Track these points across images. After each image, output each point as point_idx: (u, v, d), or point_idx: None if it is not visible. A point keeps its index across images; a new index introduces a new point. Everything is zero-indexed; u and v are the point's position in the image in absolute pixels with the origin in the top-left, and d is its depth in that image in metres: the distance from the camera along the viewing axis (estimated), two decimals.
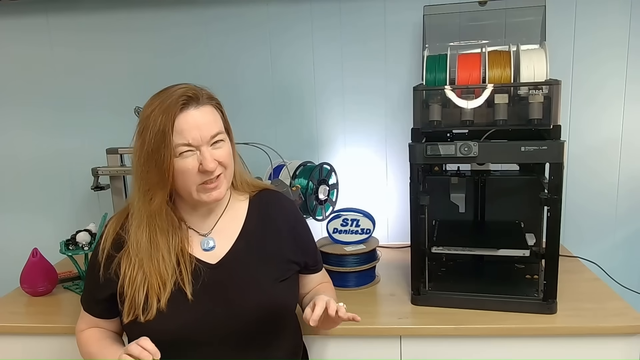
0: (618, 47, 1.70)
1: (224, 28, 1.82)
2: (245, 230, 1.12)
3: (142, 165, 1.01)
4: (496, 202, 1.53)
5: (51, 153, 1.94)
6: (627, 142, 1.75)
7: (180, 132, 0.99)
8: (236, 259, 1.09)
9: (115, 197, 1.70)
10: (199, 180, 1.02)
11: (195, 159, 1.01)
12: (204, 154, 1.01)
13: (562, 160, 1.20)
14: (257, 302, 1.06)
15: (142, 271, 1.02)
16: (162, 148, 0.98)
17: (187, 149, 1.00)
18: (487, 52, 1.32)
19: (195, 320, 1.03)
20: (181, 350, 1.04)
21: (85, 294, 1.15)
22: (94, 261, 1.09)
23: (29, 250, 1.54)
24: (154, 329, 1.00)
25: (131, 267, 1.03)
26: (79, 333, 1.16)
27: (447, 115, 1.28)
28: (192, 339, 1.03)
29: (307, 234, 1.21)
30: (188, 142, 0.99)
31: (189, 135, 0.99)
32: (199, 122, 1.00)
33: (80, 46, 1.87)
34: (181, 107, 0.99)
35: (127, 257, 1.05)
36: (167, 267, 1.03)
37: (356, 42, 1.79)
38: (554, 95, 1.21)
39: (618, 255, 1.81)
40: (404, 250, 1.69)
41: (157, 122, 0.98)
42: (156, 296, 1.01)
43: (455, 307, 1.33)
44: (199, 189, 1.03)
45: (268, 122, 1.86)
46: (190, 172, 1.01)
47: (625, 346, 1.24)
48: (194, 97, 1.01)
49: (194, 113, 1.00)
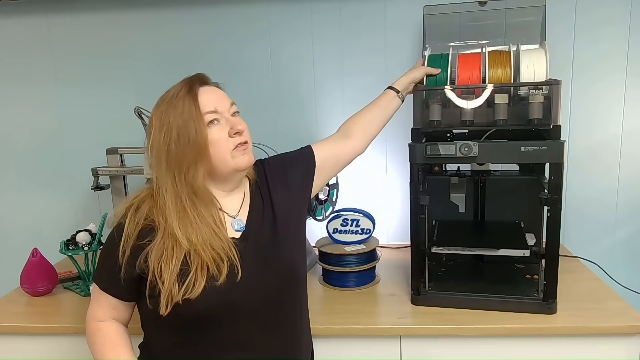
0: (618, 47, 1.70)
1: (224, 27, 1.82)
2: (252, 204, 1.15)
3: (173, 149, 1.03)
4: (496, 202, 1.53)
5: (51, 153, 1.94)
6: (627, 141, 1.75)
7: (206, 102, 1.05)
8: (256, 231, 1.12)
9: (115, 197, 1.70)
10: (232, 146, 1.06)
11: (222, 127, 1.06)
12: (230, 119, 1.07)
13: (562, 160, 1.20)
14: (287, 261, 1.11)
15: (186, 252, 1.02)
16: (191, 122, 1.03)
17: (213, 116, 1.05)
18: (487, 52, 1.33)
19: (240, 292, 1.03)
20: (212, 324, 1.04)
21: (103, 272, 1.10)
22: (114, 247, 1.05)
23: (29, 250, 1.54)
24: (198, 305, 1.00)
25: (171, 252, 1.01)
26: (94, 322, 1.10)
27: (447, 115, 1.28)
28: (229, 312, 1.04)
29: (292, 159, 1.24)
30: (214, 109, 1.06)
31: (214, 103, 1.06)
32: (217, 93, 1.09)
33: (80, 46, 1.87)
34: (199, 83, 1.08)
35: (161, 244, 1.02)
36: (222, 243, 1.04)
37: (356, 42, 1.79)
38: (554, 95, 1.21)
39: (618, 255, 1.81)
40: (404, 250, 1.69)
41: (179, 103, 1.04)
42: (206, 273, 1.01)
43: (455, 307, 1.33)
44: (234, 155, 1.07)
45: (268, 121, 1.86)
46: (222, 139, 1.06)
47: (625, 346, 1.24)
48: (204, 78, 1.11)
49: (210, 87, 1.10)
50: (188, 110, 1.03)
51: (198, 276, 1.00)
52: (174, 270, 1.00)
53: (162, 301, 1.00)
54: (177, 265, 1.01)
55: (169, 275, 1.00)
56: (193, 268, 1.01)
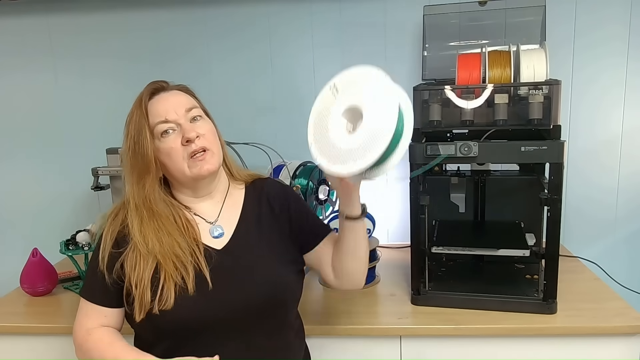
0: (618, 46, 1.70)
1: (224, 28, 1.82)
2: (244, 215, 1.13)
3: (130, 159, 1.06)
4: (496, 202, 1.53)
5: (51, 153, 1.94)
6: (627, 141, 1.75)
7: (155, 113, 1.05)
8: (239, 244, 1.09)
9: (115, 197, 1.70)
10: (186, 155, 1.05)
11: (177, 135, 1.05)
12: (183, 126, 1.05)
13: (562, 160, 1.20)
14: (264, 278, 1.06)
15: (154, 260, 1.01)
16: (142, 135, 1.04)
17: (166, 126, 1.04)
18: (487, 52, 1.32)
19: (213, 305, 1.02)
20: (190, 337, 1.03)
21: (89, 283, 1.10)
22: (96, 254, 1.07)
23: (29, 250, 1.54)
24: (172, 318, 0.99)
25: (139, 259, 1.02)
26: (81, 332, 1.06)
27: (447, 115, 1.28)
28: (206, 324, 1.02)
29: (301, 209, 1.18)
30: (165, 118, 1.04)
31: (164, 113, 1.05)
32: (170, 100, 1.07)
33: (80, 46, 1.87)
34: (150, 93, 1.07)
35: (132, 252, 1.03)
36: (185, 250, 1.03)
37: (356, 41, 1.79)
38: (553, 95, 1.21)
39: (618, 255, 1.81)
40: (404, 250, 1.69)
41: (133, 115, 1.06)
42: (173, 282, 1.00)
43: (455, 307, 1.33)
44: (189, 164, 1.05)
45: (268, 122, 1.86)
46: (176, 149, 1.04)
47: (625, 346, 1.24)
48: (160, 87, 1.09)
49: (164, 95, 1.08)
50: (139, 122, 1.05)
51: (169, 286, 1.00)
52: (143, 277, 1.00)
53: (135, 308, 1.00)
54: (145, 272, 1.01)
55: (139, 282, 1.00)
56: (162, 277, 1.00)
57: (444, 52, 1.56)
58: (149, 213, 1.05)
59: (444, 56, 1.56)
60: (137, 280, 1.01)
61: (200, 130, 1.06)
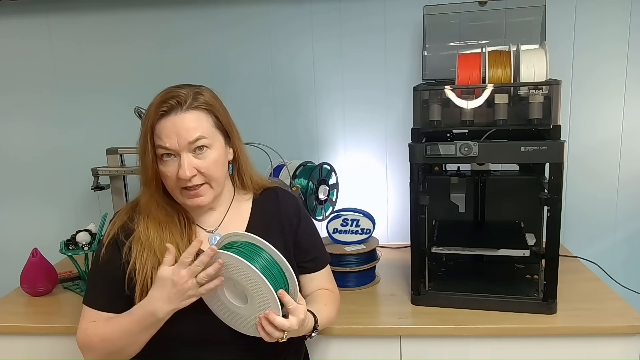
0: (618, 46, 1.70)
1: (224, 27, 1.82)
2: (252, 224, 1.15)
3: (139, 162, 1.10)
4: (496, 202, 1.53)
5: (51, 153, 1.94)
6: (627, 141, 1.75)
7: (158, 134, 1.03)
8: None
9: (115, 197, 1.70)
10: (179, 186, 1.05)
11: (175, 164, 1.04)
12: (182, 160, 1.02)
13: (562, 160, 1.20)
14: None
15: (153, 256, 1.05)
16: (146, 150, 1.05)
17: (165, 151, 1.03)
18: (487, 52, 1.32)
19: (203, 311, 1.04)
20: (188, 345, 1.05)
21: (92, 290, 1.11)
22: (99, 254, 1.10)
23: (29, 250, 1.54)
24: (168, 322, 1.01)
25: (142, 251, 1.06)
26: (84, 333, 1.08)
27: (447, 115, 1.28)
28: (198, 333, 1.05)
29: (308, 233, 1.21)
30: (165, 145, 1.02)
31: (167, 140, 1.02)
32: (178, 127, 1.02)
33: (80, 46, 1.86)
34: (160, 114, 1.02)
35: (137, 242, 1.07)
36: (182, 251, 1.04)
37: (356, 42, 1.79)
38: (553, 95, 1.21)
39: (618, 255, 1.81)
40: (404, 250, 1.69)
41: (143, 124, 1.06)
42: None
43: (455, 307, 1.33)
44: (182, 193, 1.07)
45: (268, 122, 1.86)
46: (170, 177, 1.05)
47: (625, 346, 1.24)
48: (176, 104, 1.02)
49: (174, 119, 1.02)
50: (144, 136, 1.05)
51: None
52: (146, 265, 1.04)
53: (136, 292, 1.03)
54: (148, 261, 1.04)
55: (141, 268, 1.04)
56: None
57: (444, 52, 1.57)
58: (154, 211, 1.09)
59: (444, 56, 1.56)
60: (140, 267, 1.04)
61: (201, 164, 1.04)
